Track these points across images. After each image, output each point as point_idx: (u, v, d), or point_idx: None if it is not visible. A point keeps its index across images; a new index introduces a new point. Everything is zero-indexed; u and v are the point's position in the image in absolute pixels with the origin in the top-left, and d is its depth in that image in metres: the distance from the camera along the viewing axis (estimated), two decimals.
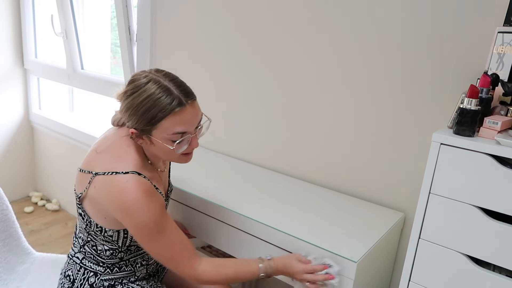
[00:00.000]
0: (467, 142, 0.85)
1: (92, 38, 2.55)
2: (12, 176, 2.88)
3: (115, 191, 1.00)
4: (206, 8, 1.73)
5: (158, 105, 0.97)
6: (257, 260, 1.09)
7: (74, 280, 1.15)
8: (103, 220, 1.07)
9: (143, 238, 1.03)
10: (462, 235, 0.88)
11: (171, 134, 1.00)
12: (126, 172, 1.01)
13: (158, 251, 1.04)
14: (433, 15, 1.20)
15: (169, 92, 0.98)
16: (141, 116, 0.99)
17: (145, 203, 0.99)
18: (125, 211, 1.00)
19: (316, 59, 1.46)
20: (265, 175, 1.59)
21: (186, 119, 1.01)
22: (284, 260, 1.09)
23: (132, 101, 1.00)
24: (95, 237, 1.10)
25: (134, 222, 1.00)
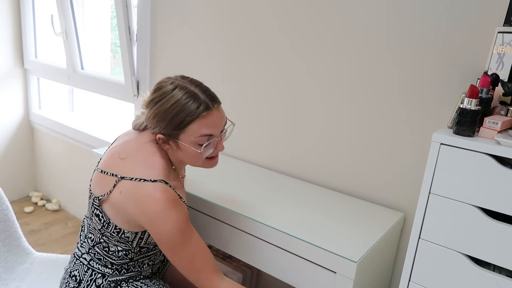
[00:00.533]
0: (467, 142, 0.85)
1: (92, 38, 2.55)
2: (12, 176, 2.88)
3: (143, 200, 1.01)
4: (206, 8, 1.73)
5: (186, 110, 1.01)
6: None
7: (81, 280, 1.15)
8: (125, 223, 1.07)
9: (167, 247, 1.03)
10: (462, 235, 0.88)
11: (199, 137, 1.03)
12: (154, 181, 1.02)
13: (182, 262, 1.05)
14: (433, 15, 1.20)
15: (196, 97, 1.02)
16: (169, 121, 1.02)
17: (172, 214, 1.00)
18: (151, 220, 1.00)
19: (319, 60, 1.46)
20: (265, 175, 1.59)
21: (213, 122, 1.04)
22: None
23: (160, 107, 1.02)
24: (110, 238, 1.10)
25: (160, 231, 1.01)
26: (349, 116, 1.42)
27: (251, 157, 1.72)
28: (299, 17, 1.47)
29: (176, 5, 1.84)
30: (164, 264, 1.35)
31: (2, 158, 2.78)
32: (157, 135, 1.06)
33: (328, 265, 1.07)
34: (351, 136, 1.43)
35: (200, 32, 1.78)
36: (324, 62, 1.45)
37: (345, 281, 1.05)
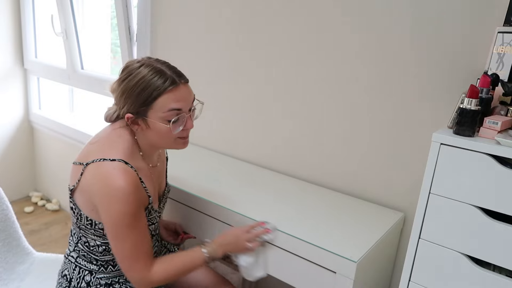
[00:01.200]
0: (467, 142, 0.85)
1: (92, 38, 2.55)
2: (12, 176, 2.88)
3: (101, 177, 1.02)
4: (205, 8, 1.73)
5: (153, 85, 1.01)
6: (200, 247, 1.12)
7: (71, 279, 1.15)
8: (92, 212, 1.07)
9: (113, 229, 1.03)
10: (462, 235, 0.88)
11: (167, 112, 1.03)
12: (113, 160, 1.03)
13: (122, 247, 1.04)
14: (433, 15, 1.20)
15: (162, 72, 1.03)
16: (136, 96, 1.02)
17: (126, 194, 1.00)
18: (106, 198, 1.01)
19: (317, 59, 1.46)
20: (264, 174, 1.59)
21: (180, 97, 1.05)
22: (226, 238, 1.15)
23: (127, 84, 1.03)
24: (86, 232, 1.10)
25: (111, 210, 1.01)
26: (349, 116, 1.42)
27: (250, 157, 1.72)
28: (297, 14, 1.47)
29: (176, 5, 1.84)
30: None
31: (2, 158, 2.78)
32: (126, 115, 1.05)
33: (328, 265, 1.07)
34: (351, 136, 1.43)
35: (200, 32, 1.78)
36: (324, 61, 1.45)
37: (345, 281, 1.05)
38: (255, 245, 1.12)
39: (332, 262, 1.06)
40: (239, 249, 1.13)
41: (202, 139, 1.87)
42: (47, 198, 2.99)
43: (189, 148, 1.84)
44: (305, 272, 1.13)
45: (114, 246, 1.05)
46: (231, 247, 1.13)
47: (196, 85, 1.83)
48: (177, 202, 1.40)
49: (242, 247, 1.12)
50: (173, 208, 1.42)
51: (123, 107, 1.06)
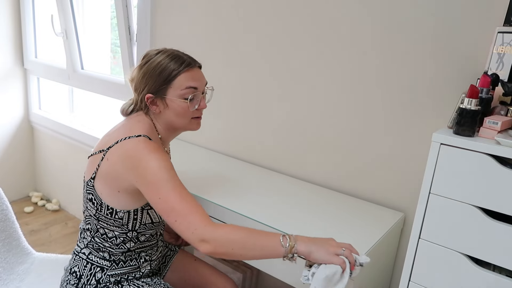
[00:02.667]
0: (467, 142, 0.85)
1: (92, 38, 2.55)
2: (12, 176, 2.88)
3: (129, 150, 1.05)
4: (205, 8, 1.74)
5: (172, 65, 1.11)
6: (278, 234, 0.95)
7: (81, 276, 1.15)
8: (115, 196, 1.08)
9: (153, 189, 1.00)
10: (462, 235, 0.88)
11: (185, 89, 1.11)
12: (138, 136, 1.08)
13: (170, 205, 0.98)
14: (433, 15, 1.20)
15: (179, 56, 1.13)
16: (157, 76, 1.10)
17: (157, 154, 1.03)
18: (139, 164, 1.02)
19: (316, 58, 1.46)
20: (264, 174, 1.59)
21: (196, 77, 1.15)
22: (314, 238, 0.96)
23: (148, 66, 1.12)
24: (105, 223, 1.12)
25: (147, 172, 1.01)
26: (349, 116, 1.42)
27: (251, 157, 1.72)
28: (301, 13, 1.47)
29: (176, 5, 1.84)
30: (165, 265, 1.35)
31: (2, 158, 2.78)
32: (146, 96, 1.12)
33: None
34: (351, 136, 1.43)
35: (200, 32, 1.78)
36: (324, 61, 1.45)
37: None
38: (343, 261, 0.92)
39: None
40: (324, 254, 0.92)
41: (201, 138, 1.88)
42: (47, 198, 2.99)
43: (189, 147, 1.84)
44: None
45: (163, 211, 0.99)
46: (316, 248, 0.93)
47: None
48: None
49: (329, 253, 0.92)
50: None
51: (143, 89, 1.12)
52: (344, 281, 0.90)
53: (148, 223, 1.15)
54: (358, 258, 0.94)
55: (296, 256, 0.94)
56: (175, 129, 1.19)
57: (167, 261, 1.36)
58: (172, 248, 1.40)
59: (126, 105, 1.20)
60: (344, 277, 0.90)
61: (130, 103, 1.19)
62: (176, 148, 1.83)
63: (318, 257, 0.92)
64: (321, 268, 0.91)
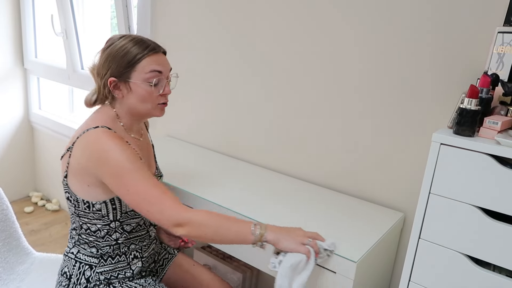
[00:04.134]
0: (467, 142, 0.85)
1: (92, 38, 2.55)
2: (12, 176, 2.88)
3: (89, 143, 1.05)
4: (205, 8, 1.74)
5: (137, 49, 1.09)
6: (250, 222, 1.00)
7: (71, 276, 1.16)
8: (87, 190, 1.08)
9: (120, 182, 1.01)
10: (462, 235, 0.88)
11: (149, 72, 1.09)
12: (96, 127, 1.07)
13: (140, 196, 0.99)
14: (433, 15, 1.20)
15: (144, 41, 1.12)
16: (120, 59, 1.09)
17: (117, 146, 1.02)
18: (100, 157, 1.02)
19: (316, 58, 1.46)
20: (263, 174, 1.59)
21: (161, 61, 1.13)
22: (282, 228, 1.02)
23: (111, 49, 1.10)
24: (86, 217, 1.12)
25: (110, 164, 1.01)
26: (349, 116, 1.42)
27: (249, 156, 1.72)
28: (298, 15, 1.47)
29: (176, 5, 1.84)
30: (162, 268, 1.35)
31: (2, 158, 2.78)
32: (109, 80, 1.10)
33: (328, 265, 1.07)
34: (351, 136, 1.43)
35: (200, 32, 1.78)
36: (324, 61, 1.45)
37: (345, 281, 1.05)
38: (308, 250, 0.97)
39: (332, 262, 1.06)
40: (291, 243, 0.97)
41: (200, 138, 1.88)
42: (47, 198, 2.99)
43: (189, 147, 1.84)
44: None
45: (133, 202, 1.01)
46: (284, 237, 0.98)
47: (196, 84, 1.83)
48: None
49: (295, 242, 0.98)
50: None
51: (106, 73, 1.10)
52: (309, 268, 0.97)
53: (130, 211, 1.14)
54: (322, 245, 1.01)
55: (265, 244, 0.98)
56: (139, 115, 1.16)
57: (164, 264, 1.36)
58: (170, 251, 1.39)
59: (89, 94, 1.18)
60: (309, 266, 0.97)
61: (93, 92, 1.17)
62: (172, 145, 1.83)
63: (285, 246, 0.97)
64: (287, 257, 0.97)
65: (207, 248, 1.81)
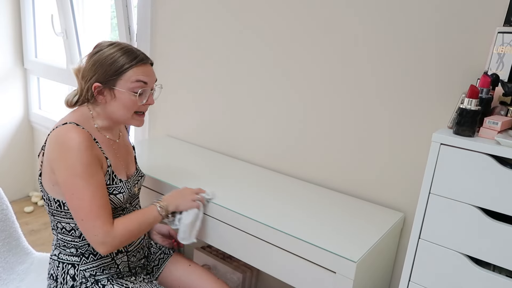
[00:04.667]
0: (467, 142, 0.85)
1: (92, 38, 2.55)
2: (12, 176, 2.88)
3: (54, 139, 1.07)
4: (205, 8, 1.73)
5: (125, 58, 1.11)
6: (153, 205, 1.18)
7: (57, 277, 1.16)
8: (54, 189, 1.10)
9: (69, 183, 1.04)
10: (462, 235, 0.88)
11: (135, 82, 1.12)
12: (64, 123, 1.08)
13: (81, 203, 1.04)
14: (433, 15, 1.20)
15: (133, 51, 1.14)
16: (108, 67, 1.10)
17: (77, 144, 1.03)
18: (59, 154, 1.04)
19: (315, 59, 1.46)
20: (263, 174, 1.59)
21: (148, 72, 1.15)
22: (174, 194, 1.24)
23: (100, 56, 1.11)
24: (59, 216, 1.13)
25: (64, 163, 1.03)
26: (349, 116, 1.42)
27: (248, 156, 1.72)
28: (299, 13, 1.47)
29: (176, 5, 1.84)
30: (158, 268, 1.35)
31: (2, 158, 2.78)
32: (93, 85, 1.11)
33: (328, 265, 1.07)
34: (351, 136, 1.43)
35: (200, 31, 1.78)
36: (324, 61, 1.45)
37: (345, 281, 1.05)
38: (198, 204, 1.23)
39: (332, 262, 1.06)
40: (186, 204, 1.22)
41: (200, 138, 1.88)
42: None
43: (188, 147, 1.84)
44: (305, 272, 1.13)
45: (73, 206, 1.06)
46: (179, 201, 1.21)
47: (196, 83, 1.83)
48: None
49: (188, 201, 1.22)
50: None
51: (91, 77, 1.11)
52: (200, 218, 1.25)
53: None
54: (205, 196, 1.28)
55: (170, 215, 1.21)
56: (117, 121, 1.18)
57: (160, 264, 1.36)
58: (166, 251, 1.39)
59: (70, 95, 1.18)
60: (199, 216, 1.25)
61: (75, 94, 1.17)
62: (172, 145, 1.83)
63: (183, 208, 1.22)
64: (185, 215, 1.22)
65: (207, 248, 1.81)
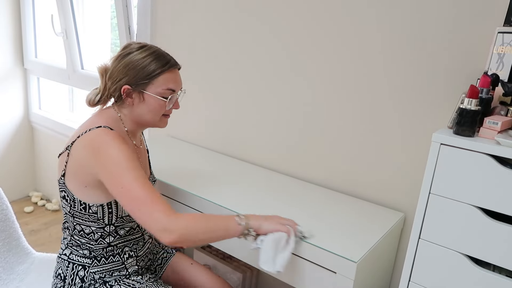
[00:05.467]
0: (467, 142, 0.85)
1: (92, 38, 2.55)
2: (12, 176, 2.88)
3: (90, 141, 1.06)
4: (205, 7, 1.74)
5: (158, 63, 1.11)
6: (233, 216, 1.05)
7: (65, 277, 1.16)
8: (84, 191, 1.08)
9: (115, 179, 1.01)
10: (462, 235, 0.88)
11: (165, 89, 1.13)
12: (98, 127, 1.08)
13: (133, 194, 0.99)
14: (433, 15, 1.20)
15: (164, 55, 1.14)
16: (140, 70, 1.10)
17: (116, 142, 1.04)
18: (99, 152, 1.03)
19: (315, 59, 1.46)
20: (263, 174, 1.59)
21: (177, 79, 1.17)
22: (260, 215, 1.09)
23: (132, 57, 1.10)
24: (81, 219, 1.11)
25: (106, 161, 1.02)
26: (349, 116, 1.42)
27: (248, 155, 1.72)
28: (299, 12, 1.47)
29: (176, 5, 1.84)
30: (161, 267, 1.35)
31: (2, 158, 2.78)
32: (122, 87, 1.10)
33: (328, 265, 1.07)
34: (351, 136, 1.43)
35: (201, 31, 1.78)
36: (323, 61, 1.45)
37: (345, 281, 1.05)
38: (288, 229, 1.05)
39: (332, 262, 1.06)
40: (271, 225, 1.05)
41: (201, 138, 1.88)
42: (47, 198, 2.99)
43: (190, 147, 1.84)
44: (305, 272, 1.13)
45: (126, 200, 1.00)
46: (263, 221, 1.05)
47: (197, 83, 1.83)
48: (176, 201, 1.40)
49: (275, 223, 1.05)
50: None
51: (121, 78, 1.10)
52: (290, 245, 1.04)
53: (126, 216, 1.15)
54: (298, 228, 1.09)
55: (251, 232, 1.04)
56: (143, 124, 1.19)
57: (163, 263, 1.36)
58: (168, 250, 1.39)
59: (93, 94, 1.18)
60: (290, 242, 1.05)
61: (97, 92, 1.17)
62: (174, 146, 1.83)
63: (267, 228, 1.04)
64: (269, 236, 1.04)
65: (207, 248, 1.81)
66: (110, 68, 1.13)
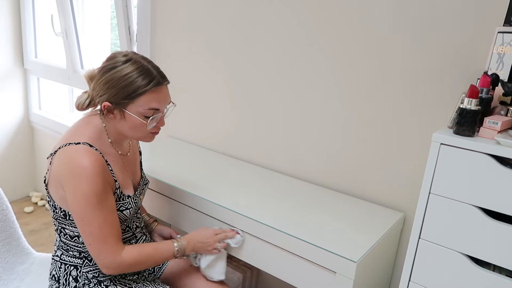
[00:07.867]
0: (467, 142, 0.85)
1: (92, 38, 2.55)
2: (12, 176, 2.88)
3: (67, 160, 1.04)
4: (205, 7, 1.73)
5: (139, 82, 1.05)
6: (171, 241, 1.17)
7: (59, 278, 1.16)
8: (61, 200, 1.08)
9: (79, 210, 1.03)
10: (462, 235, 0.88)
11: (147, 109, 1.07)
12: (78, 143, 1.05)
13: (90, 229, 1.03)
14: (433, 15, 1.20)
15: (149, 72, 1.07)
16: (121, 89, 1.05)
17: (90, 173, 1.01)
18: (71, 179, 1.02)
19: (315, 59, 1.46)
20: (262, 174, 1.59)
21: (161, 98, 1.10)
22: (193, 233, 1.23)
23: (113, 75, 1.05)
24: (64, 224, 1.12)
25: (76, 191, 1.02)
26: (349, 116, 1.42)
27: (248, 155, 1.72)
28: (297, 15, 1.47)
29: (176, 5, 1.84)
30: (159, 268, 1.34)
31: (2, 158, 2.78)
32: (103, 103, 1.07)
33: (328, 265, 1.07)
34: (351, 136, 1.43)
35: (200, 31, 1.78)
36: (323, 60, 1.45)
37: (345, 281, 1.05)
38: (220, 249, 1.22)
39: (332, 262, 1.06)
40: (206, 251, 1.21)
41: (200, 138, 1.88)
42: None
43: (189, 147, 1.84)
44: (305, 272, 1.13)
45: (82, 231, 1.05)
46: (199, 246, 1.20)
47: (197, 83, 1.83)
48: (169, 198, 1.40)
49: (210, 249, 1.21)
50: (166, 204, 1.42)
51: (102, 95, 1.07)
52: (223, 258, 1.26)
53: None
54: (230, 242, 1.22)
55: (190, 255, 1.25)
56: (127, 138, 1.17)
57: (162, 264, 1.35)
58: None
59: (82, 99, 1.14)
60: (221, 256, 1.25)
61: (86, 97, 1.13)
62: (173, 145, 1.83)
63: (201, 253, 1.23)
64: (202, 260, 1.24)
65: None
66: (95, 78, 1.10)
